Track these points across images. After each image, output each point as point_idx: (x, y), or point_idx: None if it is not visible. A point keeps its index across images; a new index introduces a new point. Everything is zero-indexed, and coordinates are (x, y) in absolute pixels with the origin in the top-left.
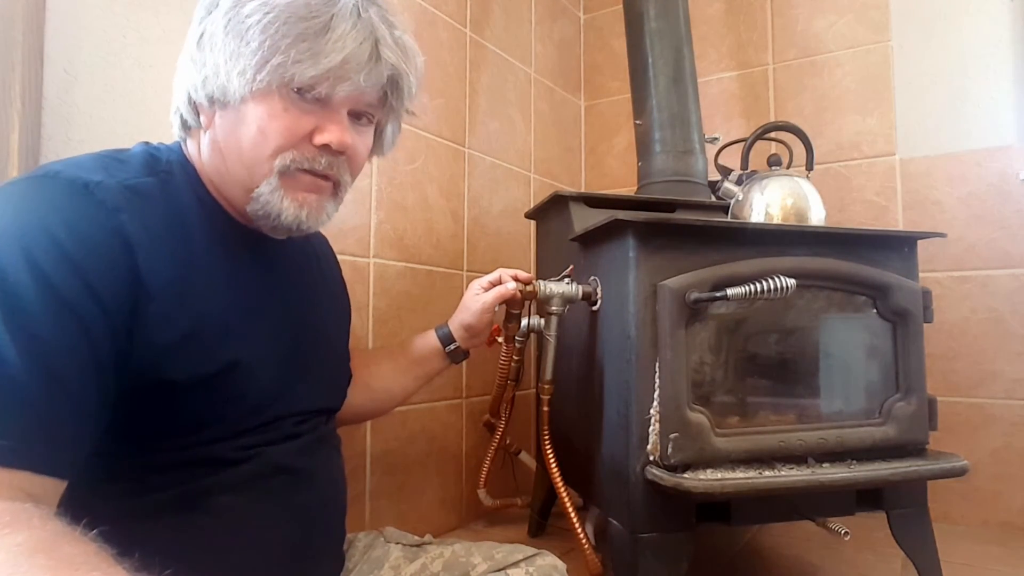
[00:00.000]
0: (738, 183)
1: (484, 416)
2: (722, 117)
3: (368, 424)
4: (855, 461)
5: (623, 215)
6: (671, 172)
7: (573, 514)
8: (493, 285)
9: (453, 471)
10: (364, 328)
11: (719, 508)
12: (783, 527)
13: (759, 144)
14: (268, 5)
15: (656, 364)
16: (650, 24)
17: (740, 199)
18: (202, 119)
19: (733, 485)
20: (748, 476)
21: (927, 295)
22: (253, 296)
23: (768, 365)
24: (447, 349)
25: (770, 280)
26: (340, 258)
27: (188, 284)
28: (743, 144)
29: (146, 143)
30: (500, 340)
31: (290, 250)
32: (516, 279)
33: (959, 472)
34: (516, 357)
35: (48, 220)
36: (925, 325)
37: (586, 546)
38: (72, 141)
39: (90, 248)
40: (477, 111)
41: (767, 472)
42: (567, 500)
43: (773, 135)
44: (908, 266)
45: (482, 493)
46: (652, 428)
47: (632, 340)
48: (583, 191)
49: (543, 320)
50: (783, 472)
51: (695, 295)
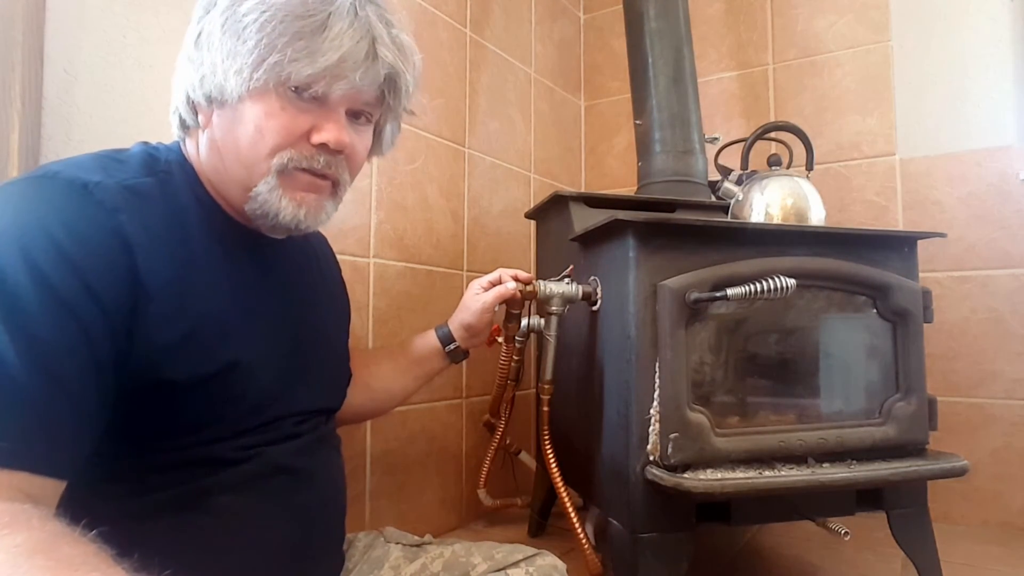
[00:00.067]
0: (738, 183)
1: (484, 416)
2: (722, 117)
3: (368, 424)
4: (855, 461)
5: (623, 215)
6: (671, 172)
7: (573, 514)
8: (493, 285)
9: (453, 471)
10: (364, 328)
11: (719, 508)
12: (783, 527)
13: (759, 144)
14: (265, 4)
15: (656, 364)
16: (650, 24)
17: (740, 199)
18: (200, 119)
19: (733, 485)
20: (748, 476)
21: (927, 295)
22: (252, 296)
23: (768, 365)
24: (447, 349)
25: (770, 280)
26: (340, 258)
27: (187, 284)
28: (743, 144)
29: (145, 143)
30: (500, 340)
31: (289, 250)
32: (516, 279)
33: (959, 472)
34: (516, 357)
35: (47, 220)
36: (925, 325)
37: (586, 546)
38: (72, 141)
39: (89, 248)
40: (477, 111)
41: (767, 472)
42: (567, 500)
43: (773, 135)
44: (908, 266)
45: (482, 493)
46: (652, 428)
47: (632, 340)
48: (583, 191)
49: (543, 320)
50: (783, 472)
51: (695, 295)
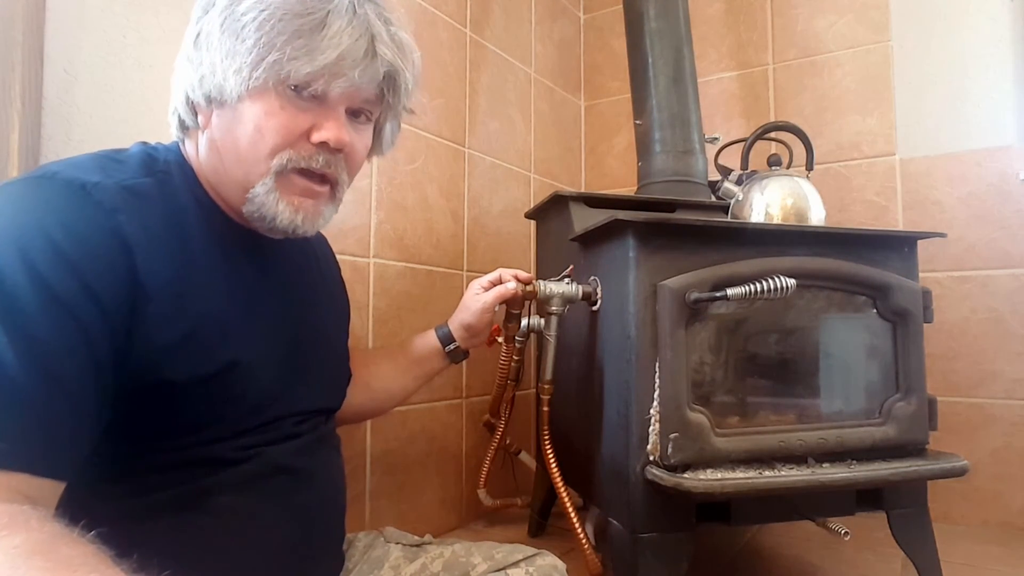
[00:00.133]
0: (738, 183)
1: (484, 416)
2: (722, 117)
3: (368, 424)
4: (855, 461)
5: (623, 215)
6: (671, 172)
7: (573, 514)
8: (493, 285)
9: (453, 471)
10: (364, 328)
11: (719, 508)
12: (783, 527)
13: (759, 144)
14: (263, 3)
15: (656, 364)
16: (650, 24)
17: (740, 199)
18: (200, 119)
19: (733, 485)
20: (748, 476)
21: (927, 295)
22: (252, 296)
23: (768, 365)
24: (447, 349)
25: (770, 280)
26: (340, 258)
27: (186, 284)
28: (743, 144)
29: (144, 143)
30: (500, 340)
31: (289, 250)
32: (516, 279)
33: (959, 472)
34: (516, 357)
35: (45, 221)
36: (925, 325)
37: (586, 546)
38: (72, 141)
39: (87, 249)
40: (477, 111)
41: (767, 472)
42: (567, 500)
43: (773, 135)
44: (908, 266)
45: (482, 493)
46: (652, 428)
47: (632, 340)
48: (583, 191)
49: (543, 320)
50: (783, 472)
51: (695, 295)
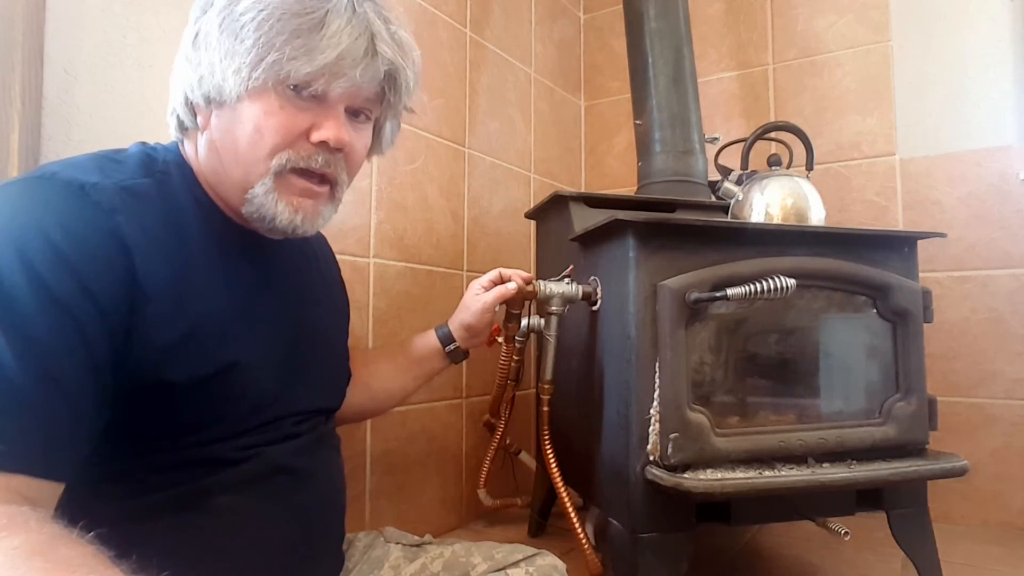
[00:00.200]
0: (738, 183)
1: (484, 416)
2: (722, 117)
3: (368, 424)
4: (855, 461)
5: (623, 215)
6: (671, 172)
7: (573, 514)
8: (493, 284)
9: (453, 471)
10: (364, 328)
11: (719, 508)
12: (783, 527)
13: (759, 144)
14: (262, 2)
15: (656, 364)
16: (650, 24)
17: (740, 199)
18: (199, 119)
19: (733, 485)
20: (748, 476)
21: (927, 295)
22: (251, 296)
23: (768, 365)
24: (447, 349)
25: (770, 280)
26: (340, 258)
27: (185, 285)
28: (743, 144)
29: (143, 143)
30: (500, 340)
31: (288, 250)
32: (514, 279)
33: (959, 472)
34: (516, 357)
35: (44, 222)
36: (925, 325)
37: (586, 546)
38: (72, 141)
39: (86, 249)
40: (477, 111)
41: (767, 472)
42: (567, 500)
43: (773, 135)
44: (908, 266)
45: (482, 493)
46: (652, 428)
47: (632, 340)
48: (583, 191)
49: (543, 320)
50: (783, 472)
51: (695, 295)
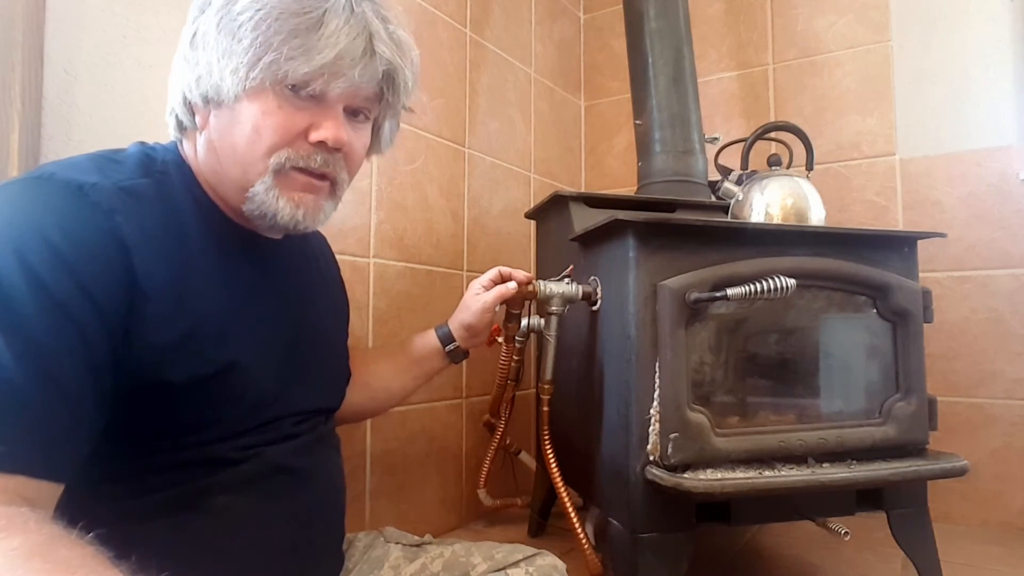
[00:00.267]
0: (738, 183)
1: (484, 416)
2: (722, 117)
3: (368, 424)
4: (855, 461)
5: (623, 215)
6: (671, 172)
7: (573, 514)
8: (493, 283)
9: (453, 471)
10: (364, 328)
11: (719, 508)
12: (783, 527)
13: (759, 144)
14: (260, 2)
15: (656, 364)
16: (650, 24)
17: (740, 199)
18: (197, 119)
19: (733, 485)
20: (748, 476)
21: (927, 295)
22: (250, 297)
23: (768, 365)
24: (447, 349)
25: (770, 280)
26: (340, 258)
27: (185, 285)
28: (743, 144)
29: (142, 143)
30: (500, 340)
31: (287, 250)
32: (513, 278)
33: (959, 472)
34: (516, 357)
35: (42, 222)
36: (925, 325)
37: (586, 546)
38: (72, 141)
39: (85, 250)
40: (477, 111)
41: (767, 472)
42: (567, 500)
43: (773, 135)
44: (908, 266)
45: (482, 493)
46: (652, 428)
47: (632, 340)
48: (583, 191)
49: (543, 320)
50: (783, 472)
51: (695, 295)
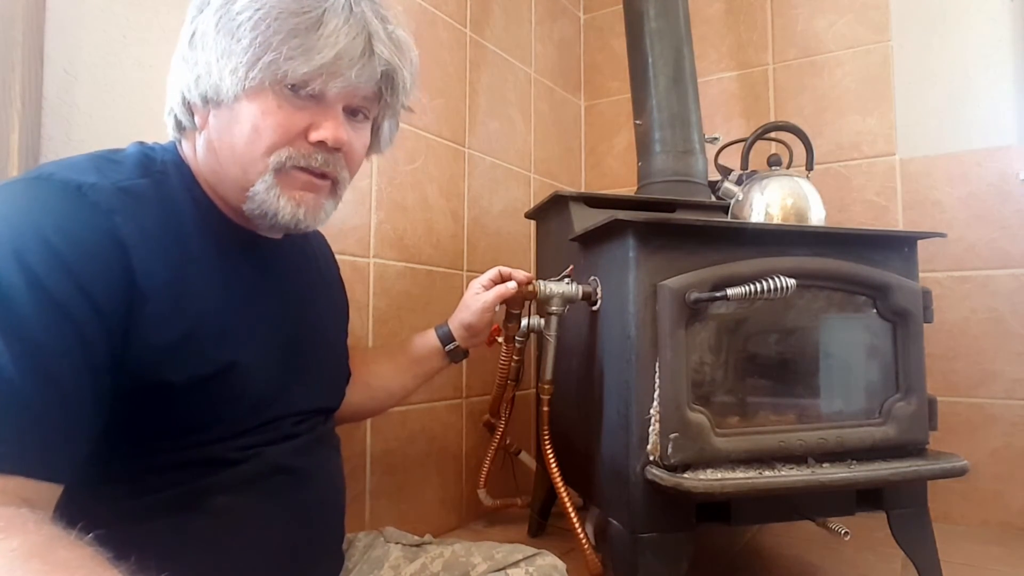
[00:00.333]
0: (738, 183)
1: (484, 416)
2: (722, 117)
3: (368, 424)
4: (855, 461)
5: (623, 215)
6: (671, 172)
7: (573, 514)
8: (493, 283)
9: (453, 471)
10: (364, 328)
11: (719, 508)
12: (783, 527)
13: (759, 144)
14: (259, 2)
15: (656, 364)
16: (650, 24)
17: (740, 199)
18: (196, 119)
19: (733, 485)
20: (748, 476)
21: (927, 295)
22: (250, 296)
23: (768, 365)
24: (447, 348)
25: (770, 280)
26: (340, 258)
27: (184, 285)
28: (743, 144)
29: (141, 143)
30: (500, 340)
31: (287, 250)
32: (513, 277)
33: (959, 472)
34: (516, 357)
35: (41, 223)
36: (925, 325)
37: (586, 546)
38: (72, 141)
39: (83, 250)
40: (477, 111)
41: (767, 472)
42: (567, 500)
43: (773, 135)
44: (908, 266)
45: (482, 493)
46: (652, 428)
47: (632, 340)
48: (583, 191)
49: (543, 320)
50: (783, 472)
51: (695, 295)
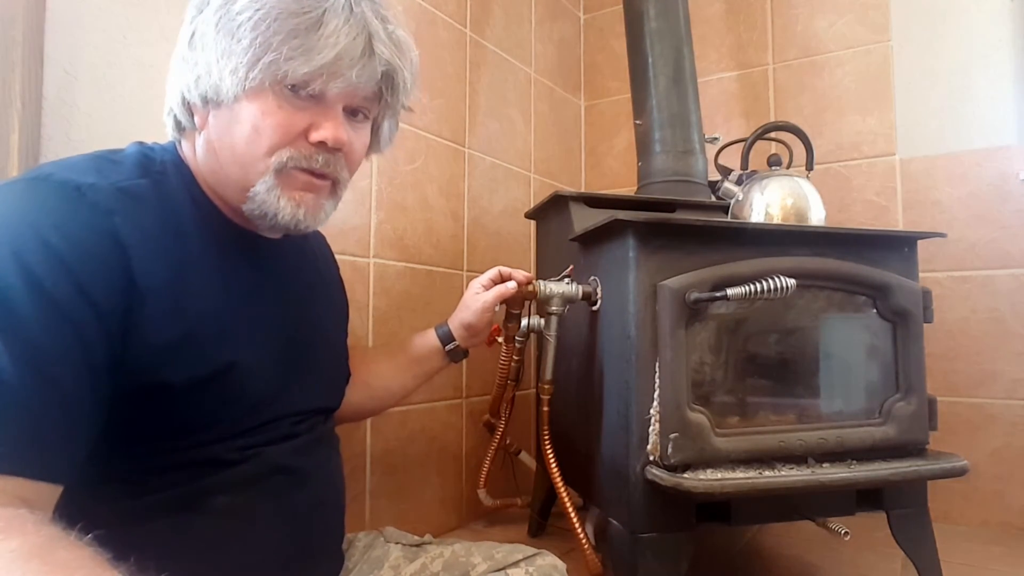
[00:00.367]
0: (738, 183)
1: (484, 416)
2: (722, 117)
3: (368, 424)
4: (855, 461)
5: (623, 215)
6: (671, 172)
7: (573, 514)
8: (493, 283)
9: (453, 471)
10: (364, 328)
11: (719, 508)
12: (783, 527)
13: (759, 144)
14: (258, 2)
15: (656, 364)
16: (650, 24)
17: (740, 199)
18: (196, 119)
19: (733, 485)
20: (748, 476)
21: (927, 295)
22: (249, 296)
23: (768, 365)
24: (447, 348)
25: (770, 280)
26: (340, 258)
27: (183, 285)
28: (743, 144)
29: (140, 143)
30: (500, 340)
31: (286, 250)
32: (512, 277)
33: (959, 472)
34: (516, 357)
35: (40, 223)
36: (925, 325)
37: (586, 546)
38: (72, 141)
39: (82, 251)
40: (477, 111)
41: (767, 472)
42: (567, 500)
43: (773, 135)
44: (908, 266)
45: (482, 493)
46: (652, 428)
47: (632, 340)
48: (583, 191)
49: (543, 320)
50: (783, 472)
51: (695, 295)
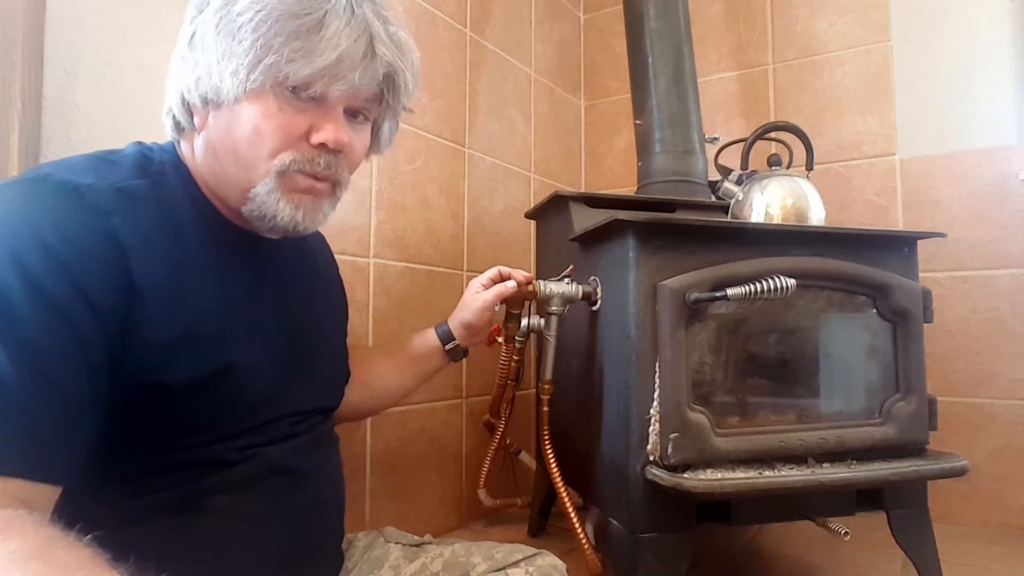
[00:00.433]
0: (738, 183)
1: (484, 416)
2: (722, 117)
3: (368, 424)
4: (855, 461)
5: (623, 215)
6: (671, 172)
7: (573, 514)
8: (493, 282)
9: (453, 471)
10: (364, 328)
11: (719, 508)
12: (783, 527)
13: (759, 144)
14: (260, 3)
15: (656, 364)
16: (650, 24)
17: (740, 199)
18: (196, 120)
19: (733, 485)
20: (748, 476)
21: (927, 295)
22: (249, 296)
23: (768, 365)
24: (446, 347)
25: (770, 280)
26: (340, 258)
27: (182, 286)
28: (743, 144)
29: (139, 143)
30: (500, 340)
31: (286, 250)
32: (512, 277)
33: (959, 472)
34: (516, 357)
35: (38, 224)
36: (925, 325)
37: (586, 546)
38: (72, 141)
39: (81, 252)
40: (477, 111)
41: (767, 472)
42: (567, 500)
43: (773, 135)
44: (908, 266)
45: (482, 493)
46: (652, 428)
47: (632, 340)
48: (583, 191)
49: (543, 320)
50: (783, 472)
51: (695, 295)
